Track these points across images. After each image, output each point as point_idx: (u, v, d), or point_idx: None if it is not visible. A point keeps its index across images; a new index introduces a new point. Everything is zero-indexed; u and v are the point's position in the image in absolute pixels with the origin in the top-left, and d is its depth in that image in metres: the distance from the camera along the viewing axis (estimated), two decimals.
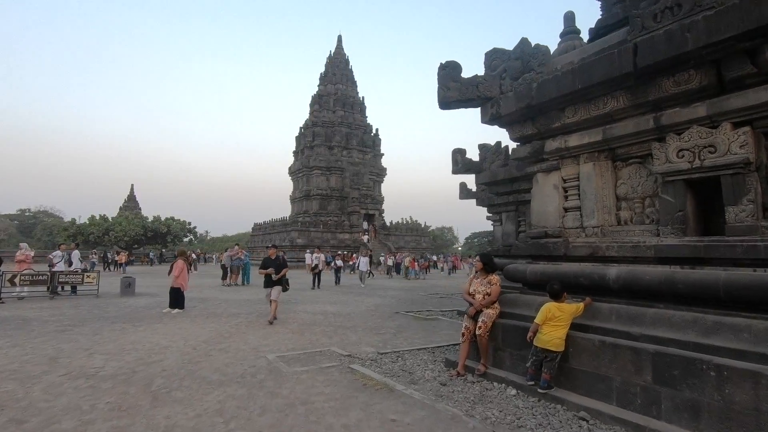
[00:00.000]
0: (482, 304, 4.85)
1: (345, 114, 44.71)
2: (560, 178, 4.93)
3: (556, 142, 4.82)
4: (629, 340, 3.66)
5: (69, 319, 8.55)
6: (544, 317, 4.07)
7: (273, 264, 8.66)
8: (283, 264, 8.80)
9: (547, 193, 5.04)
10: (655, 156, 3.97)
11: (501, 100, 5.08)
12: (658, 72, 3.79)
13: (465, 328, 4.93)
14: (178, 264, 10.01)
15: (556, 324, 4.02)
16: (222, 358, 5.68)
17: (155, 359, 5.57)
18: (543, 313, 4.10)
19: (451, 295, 14.76)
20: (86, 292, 12.81)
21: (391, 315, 9.89)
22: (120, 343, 6.49)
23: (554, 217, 4.94)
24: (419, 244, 44.63)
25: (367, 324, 8.56)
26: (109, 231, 41.35)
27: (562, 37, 7.82)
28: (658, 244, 3.86)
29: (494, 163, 9.66)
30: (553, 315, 4.05)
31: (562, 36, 7.84)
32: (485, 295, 4.92)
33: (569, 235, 4.76)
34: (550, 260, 4.88)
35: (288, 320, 8.84)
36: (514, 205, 9.54)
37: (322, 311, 10.30)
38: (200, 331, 7.57)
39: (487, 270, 5.06)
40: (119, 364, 5.30)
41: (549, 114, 4.78)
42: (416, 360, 5.60)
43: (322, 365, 5.30)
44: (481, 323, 4.75)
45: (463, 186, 15.15)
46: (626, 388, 3.54)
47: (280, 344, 6.59)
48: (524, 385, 4.22)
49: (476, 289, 5.01)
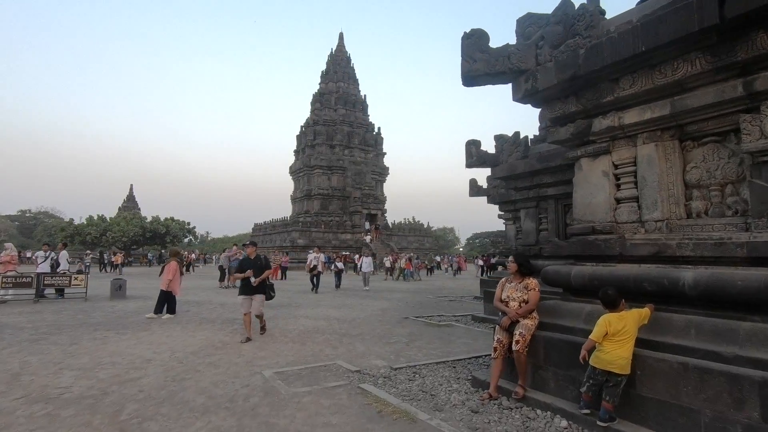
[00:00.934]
0: (519, 314, 4.07)
1: (347, 112, 43.94)
2: (611, 163, 4.14)
3: (607, 120, 4.03)
4: (722, 363, 2.87)
5: (47, 326, 7.78)
6: (603, 331, 3.29)
7: (252, 266, 6.85)
8: (265, 265, 7.05)
9: (595, 181, 4.25)
10: (745, 131, 3.18)
11: (538, 72, 4.29)
12: (753, 24, 3.01)
13: (497, 341, 4.14)
14: (171, 265, 9.24)
15: (619, 339, 3.24)
16: (211, 374, 4.90)
17: (133, 376, 4.79)
18: (601, 327, 3.32)
19: (461, 298, 13.96)
20: (75, 295, 12.05)
21: (400, 320, 9.10)
22: (97, 356, 5.71)
23: (603, 209, 4.16)
24: (422, 244, 43.83)
25: (375, 331, 7.78)
26: (106, 231, 40.60)
27: None
28: (753, 241, 3.07)
29: (512, 156, 8.87)
30: (614, 328, 3.26)
31: None
32: (521, 303, 4.14)
33: (624, 230, 3.98)
34: (599, 261, 4.09)
35: (288, 327, 8.05)
36: (535, 201, 8.74)
37: (325, 316, 9.52)
38: (190, 340, 6.80)
39: (522, 272, 4.27)
40: (90, 383, 4.52)
41: (599, 86, 4.00)
42: (436, 377, 4.81)
43: (327, 384, 4.51)
44: (519, 336, 3.96)
45: (473, 182, 14.37)
46: (721, 426, 2.76)
47: (279, 356, 5.81)
48: (577, 415, 3.43)
49: (510, 296, 4.22)
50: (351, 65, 46.88)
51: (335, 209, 40.48)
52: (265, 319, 7.32)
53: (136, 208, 57.09)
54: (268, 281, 7.16)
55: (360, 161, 42.74)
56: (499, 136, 9.34)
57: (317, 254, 16.28)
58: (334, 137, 42.34)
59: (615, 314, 3.38)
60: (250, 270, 6.80)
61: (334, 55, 46.61)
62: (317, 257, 16.02)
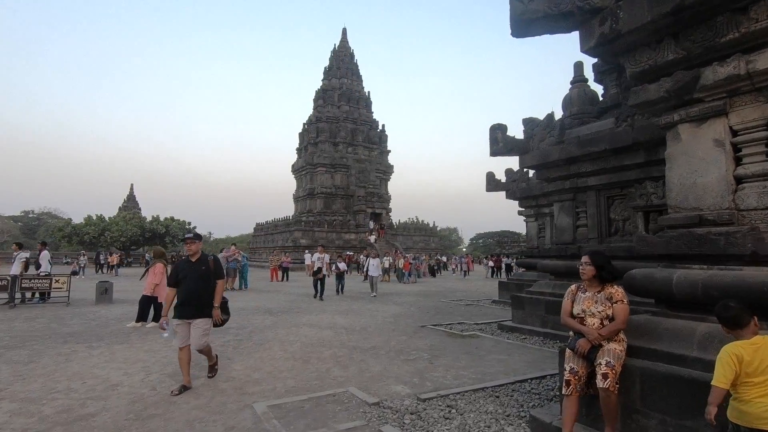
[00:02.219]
0: (603, 335, 2.96)
1: (350, 109, 42.85)
2: (727, 128, 3.03)
3: (725, 68, 2.92)
4: None
5: (11, 338, 6.72)
6: (732, 371, 2.15)
7: (190, 273, 4.38)
8: (213, 272, 4.50)
9: (702, 154, 3.14)
10: None
11: (622, 7, 3.19)
12: None
13: (570, 373, 3.03)
14: (156, 268, 8.16)
15: (764, 380, 2.12)
16: (188, 408, 3.81)
17: (87, 411, 3.71)
18: (728, 365, 2.16)
19: (477, 302, 12.83)
20: (58, 300, 11.00)
21: (417, 329, 7.99)
22: (54, 378, 4.64)
23: (716, 192, 3.04)
24: (428, 244, 42.71)
25: (390, 343, 6.67)
26: (105, 231, 39.68)
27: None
28: None
29: (544, 141, 7.75)
30: (752, 366, 2.14)
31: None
32: (604, 320, 3.03)
33: (752, 220, 2.86)
34: (713, 262, 2.98)
35: (288, 339, 6.96)
36: (571, 192, 7.62)
37: (331, 324, 8.42)
38: (172, 356, 5.70)
39: (602, 278, 3.15)
40: (27, 422, 3.45)
41: (715, 21, 2.89)
42: (480, 414, 3.70)
43: (338, 428, 3.41)
44: (606, 368, 2.85)
45: (490, 176, 13.25)
46: None
47: (277, 379, 4.71)
48: None
49: (587, 310, 3.11)
50: (354, 61, 45.80)
51: (339, 208, 39.38)
52: (215, 356, 4.79)
53: (136, 208, 56.22)
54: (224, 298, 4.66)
55: (364, 159, 41.65)
56: (529, 119, 8.22)
57: (321, 254, 14.36)
58: (338, 134, 41.26)
59: (747, 343, 2.24)
60: (190, 280, 4.34)
61: (337, 51, 45.55)
62: (321, 258, 13.98)
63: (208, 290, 4.43)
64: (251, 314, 9.64)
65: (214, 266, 4.53)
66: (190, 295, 4.34)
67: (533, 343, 6.78)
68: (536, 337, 7.17)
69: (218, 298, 4.49)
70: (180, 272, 4.41)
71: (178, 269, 4.45)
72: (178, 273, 4.42)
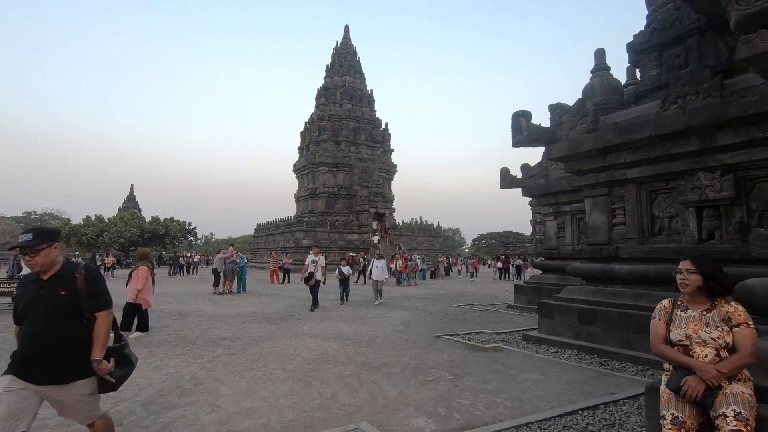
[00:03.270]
0: (724, 373, 2.11)
1: (353, 107, 42.03)
2: None
3: None
4: None
5: None
6: None
7: (39, 303, 2.40)
8: (90, 297, 2.50)
9: None
10: None
11: None
12: None
13: (672, 423, 2.17)
14: (140, 272, 7.34)
15: None
16: None
17: None
18: None
19: (492, 307, 11.96)
20: None
21: (431, 340, 7.13)
22: None
23: None
24: (432, 245, 41.83)
25: (404, 359, 5.82)
26: (103, 232, 38.98)
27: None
28: None
29: (575, 129, 6.88)
30: None
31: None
32: (721, 350, 2.18)
33: None
34: None
35: (287, 353, 6.12)
36: (606, 186, 6.77)
37: (335, 334, 7.57)
38: (152, 375, 4.89)
39: (712, 292, 2.30)
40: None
41: None
42: None
43: None
44: (736, 422, 1.99)
45: (505, 172, 12.39)
46: None
47: (271, 410, 3.87)
48: None
49: (694, 335, 2.26)
50: (357, 59, 44.99)
51: (341, 208, 38.55)
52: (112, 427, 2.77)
53: (136, 209, 55.52)
54: (118, 338, 2.82)
55: (367, 158, 40.80)
56: (556, 105, 7.37)
57: (316, 256, 11.65)
58: (340, 133, 40.44)
59: None
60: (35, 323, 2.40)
61: (339, 48, 44.74)
62: (315, 261, 11.47)
63: (71, 334, 2.43)
64: (247, 322, 8.81)
65: (87, 286, 2.49)
66: (36, 344, 2.37)
67: (567, 358, 5.92)
68: (569, 350, 6.30)
69: (101, 344, 2.48)
70: (20, 300, 2.50)
71: (19, 295, 2.57)
72: (18, 302, 2.54)
